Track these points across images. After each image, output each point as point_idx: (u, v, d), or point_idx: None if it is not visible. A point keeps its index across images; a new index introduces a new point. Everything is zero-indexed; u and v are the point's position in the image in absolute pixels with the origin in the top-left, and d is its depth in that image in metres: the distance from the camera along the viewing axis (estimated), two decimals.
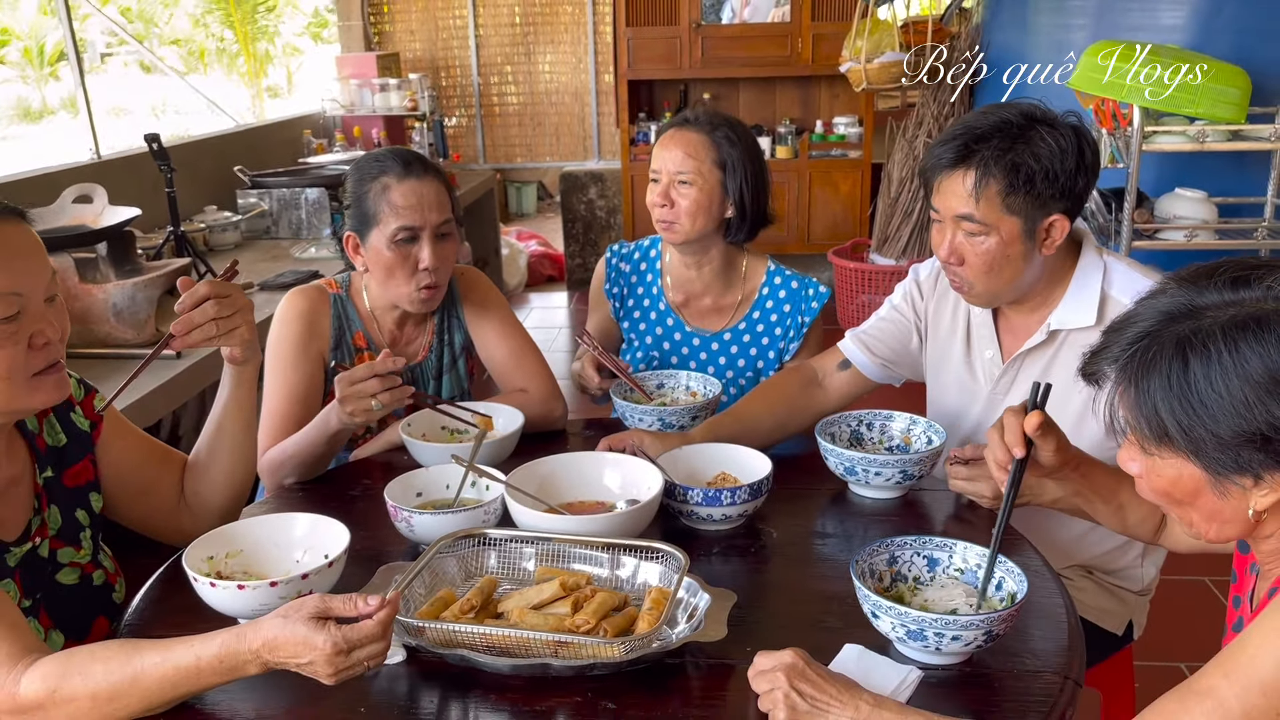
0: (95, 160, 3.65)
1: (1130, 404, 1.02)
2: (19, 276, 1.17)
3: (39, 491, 1.33)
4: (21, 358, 1.19)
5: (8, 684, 1.06)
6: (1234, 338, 0.94)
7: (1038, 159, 1.52)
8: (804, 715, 1.05)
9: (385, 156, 1.84)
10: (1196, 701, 0.95)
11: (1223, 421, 0.95)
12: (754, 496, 1.49)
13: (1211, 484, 1.00)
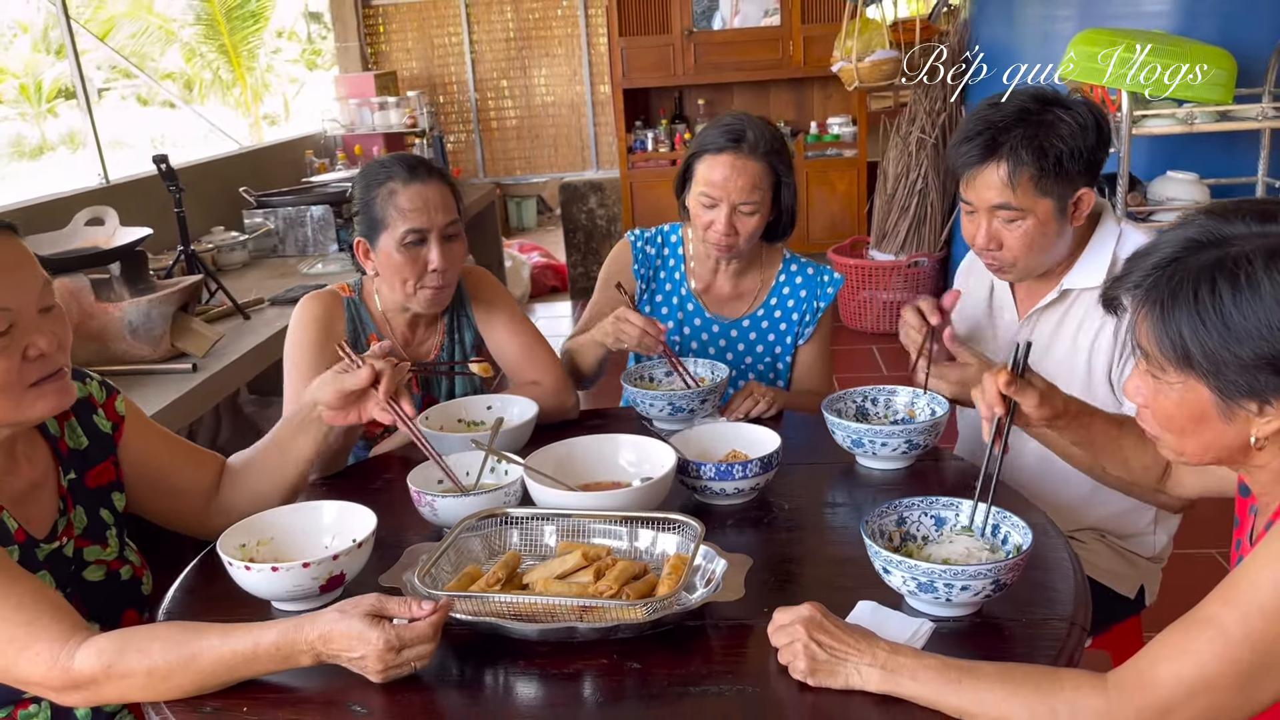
0: (104, 185, 3.71)
1: (1152, 326, 1.05)
2: (8, 291, 1.19)
3: (63, 493, 1.37)
4: (16, 371, 1.20)
5: (61, 659, 1.11)
6: (1264, 265, 0.98)
7: (1063, 140, 1.61)
8: (823, 665, 1.09)
9: (391, 162, 1.89)
10: (1199, 630, 0.99)
11: (1246, 344, 0.99)
12: (765, 470, 1.54)
13: (1219, 408, 1.04)
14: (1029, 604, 1.25)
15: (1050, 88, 1.67)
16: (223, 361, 2.74)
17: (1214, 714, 0.98)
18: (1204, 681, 0.97)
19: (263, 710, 1.14)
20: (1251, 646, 0.96)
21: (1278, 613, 0.96)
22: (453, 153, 7.33)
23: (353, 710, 1.13)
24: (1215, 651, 0.97)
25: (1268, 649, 0.96)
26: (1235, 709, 0.98)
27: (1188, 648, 0.99)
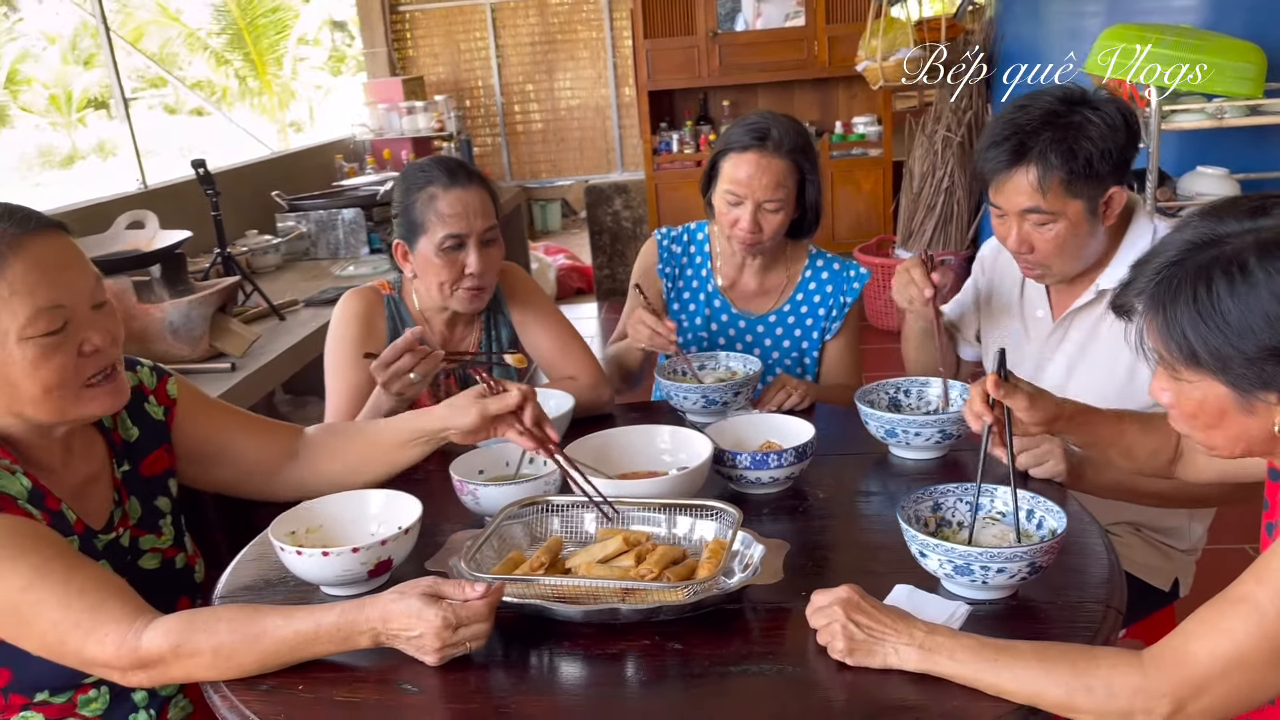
0: (143, 190, 3.78)
1: (1159, 330, 1.08)
2: (62, 289, 1.21)
3: (117, 485, 1.41)
4: (72, 367, 1.23)
5: (129, 639, 1.15)
6: (1257, 259, 1.01)
7: (1092, 141, 1.59)
8: (861, 644, 1.12)
9: (431, 166, 1.91)
10: (1233, 608, 1.01)
11: (1248, 338, 1.01)
12: (799, 459, 1.56)
13: (1238, 402, 1.06)
14: (1064, 587, 1.27)
15: (1077, 87, 1.66)
16: (259, 361, 2.80)
17: (1248, 690, 1.00)
18: (1239, 658, 0.99)
19: (318, 689, 1.17)
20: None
21: None
22: (479, 156, 7.40)
23: (403, 689, 1.16)
24: (1249, 629, 0.99)
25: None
26: (1269, 685, 1.00)
27: (1222, 625, 1.01)
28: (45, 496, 1.26)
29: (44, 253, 1.21)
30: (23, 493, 1.22)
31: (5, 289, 1.17)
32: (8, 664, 1.23)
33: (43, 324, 1.19)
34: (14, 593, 1.14)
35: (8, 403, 1.23)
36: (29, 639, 1.17)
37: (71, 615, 1.15)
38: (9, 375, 1.20)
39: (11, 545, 1.15)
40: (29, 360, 1.19)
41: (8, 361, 1.19)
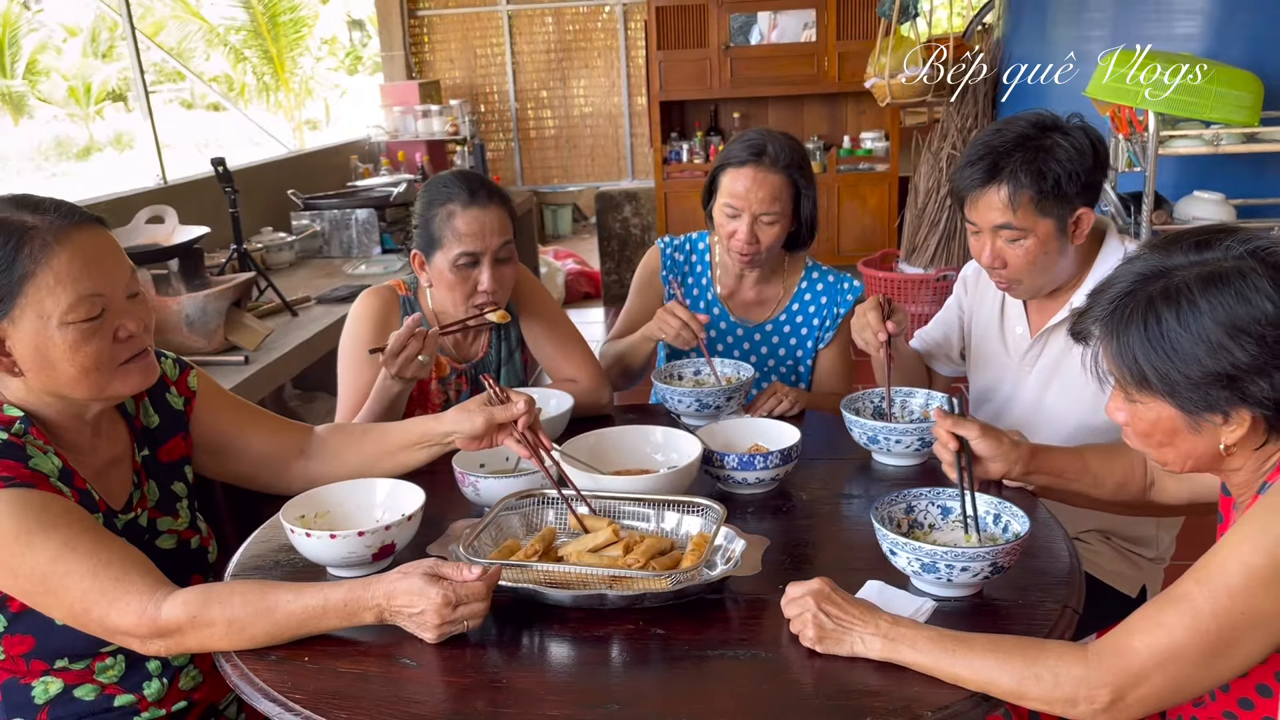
0: (162, 185, 3.88)
1: (1112, 355, 1.17)
2: (101, 278, 1.30)
3: (137, 468, 1.49)
4: (108, 350, 1.32)
5: (149, 608, 1.23)
6: (1200, 291, 1.10)
7: (1060, 164, 1.70)
8: (830, 633, 1.20)
9: (453, 183, 1.98)
10: (1171, 606, 1.09)
11: (1193, 364, 1.10)
12: (784, 462, 1.64)
13: (1187, 423, 1.15)
14: (1027, 587, 1.35)
15: (1050, 114, 1.76)
16: (272, 355, 2.89)
17: (1181, 683, 1.08)
18: (1173, 652, 1.07)
19: (323, 661, 1.26)
20: (1218, 622, 1.06)
21: (1243, 591, 1.06)
22: (492, 160, 7.49)
23: (404, 663, 1.25)
24: (1185, 625, 1.07)
25: (1233, 625, 1.06)
26: (1200, 678, 1.08)
27: (1161, 621, 1.09)
28: (74, 476, 1.34)
29: (86, 244, 1.29)
30: (54, 471, 1.30)
31: (50, 277, 1.26)
32: (32, 632, 1.31)
33: (83, 310, 1.28)
34: (44, 563, 1.22)
35: (46, 382, 1.31)
36: (56, 607, 1.26)
37: (98, 585, 1.24)
38: (49, 356, 1.29)
39: (44, 519, 1.23)
40: (69, 343, 1.28)
41: (49, 344, 1.28)
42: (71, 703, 1.36)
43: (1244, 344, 1.08)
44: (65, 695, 1.36)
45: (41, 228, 1.27)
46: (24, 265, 1.25)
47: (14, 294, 1.26)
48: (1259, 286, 1.08)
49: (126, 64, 18.64)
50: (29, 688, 1.34)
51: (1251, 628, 1.06)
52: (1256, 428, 1.14)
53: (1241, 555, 1.07)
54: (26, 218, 1.27)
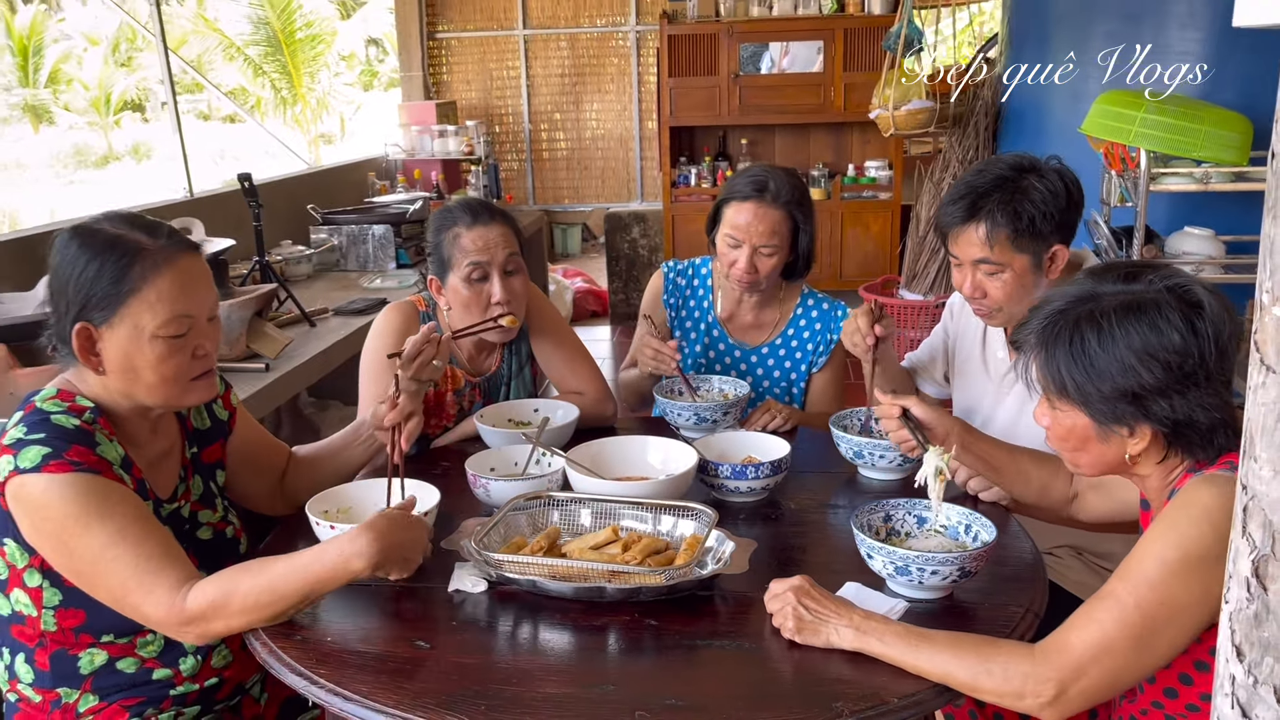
0: (189, 198, 4.03)
1: (1040, 365, 1.31)
2: (193, 302, 1.46)
3: (185, 463, 1.63)
4: (186, 365, 1.47)
5: (177, 601, 1.36)
6: (1119, 318, 1.24)
7: (1035, 205, 1.83)
8: (808, 625, 1.31)
9: (456, 209, 2.13)
10: (1101, 603, 1.23)
11: (1106, 381, 1.25)
12: (774, 473, 1.76)
13: (1098, 432, 1.30)
14: (993, 592, 1.47)
15: (1029, 157, 1.88)
16: (291, 364, 3.01)
17: (1116, 673, 1.20)
18: (1106, 645, 1.19)
19: (344, 641, 1.38)
20: (1141, 613, 1.19)
21: (1160, 584, 1.19)
22: (505, 180, 7.65)
23: (418, 645, 1.36)
24: (1113, 619, 1.20)
25: (1154, 615, 1.19)
26: (1132, 668, 1.20)
27: (1093, 617, 1.22)
28: (133, 465, 1.47)
29: (187, 270, 1.45)
30: (117, 459, 1.43)
31: (153, 294, 1.41)
32: (83, 607, 1.43)
33: (173, 328, 1.43)
34: (97, 547, 1.35)
35: (124, 385, 1.45)
36: (100, 589, 1.38)
37: (137, 576, 1.36)
38: (135, 363, 1.43)
39: (104, 505, 1.36)
40: (156, 355, 1.43)
41: (138, 353, 1.42)
42: (114, 674, 1.48)
43: (1151, 368, 1.22)
44: (108, 667, 1.48)
45: (152, 249, 1.42)
46: (132, 281, 1.40)
47: (118, 304, 1.40)
48: (1171, 319, 1.22)
49: (143, 74, 18.98)
50: (76, 658, 1.46)
51: (1171, 617, 1.19)
52: (1157, 442, 1.28)
53: (1156, 551, 1.21)
54: (141, 238, 1.43)
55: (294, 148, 6.67)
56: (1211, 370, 1.23)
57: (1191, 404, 1.23)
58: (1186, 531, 1.20)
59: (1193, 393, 1.23)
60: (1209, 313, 1.23)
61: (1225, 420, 1.25)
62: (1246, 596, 1.04)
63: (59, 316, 1.43)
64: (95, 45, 18.99)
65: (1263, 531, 1.01)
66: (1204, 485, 1.23)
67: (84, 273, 1.40)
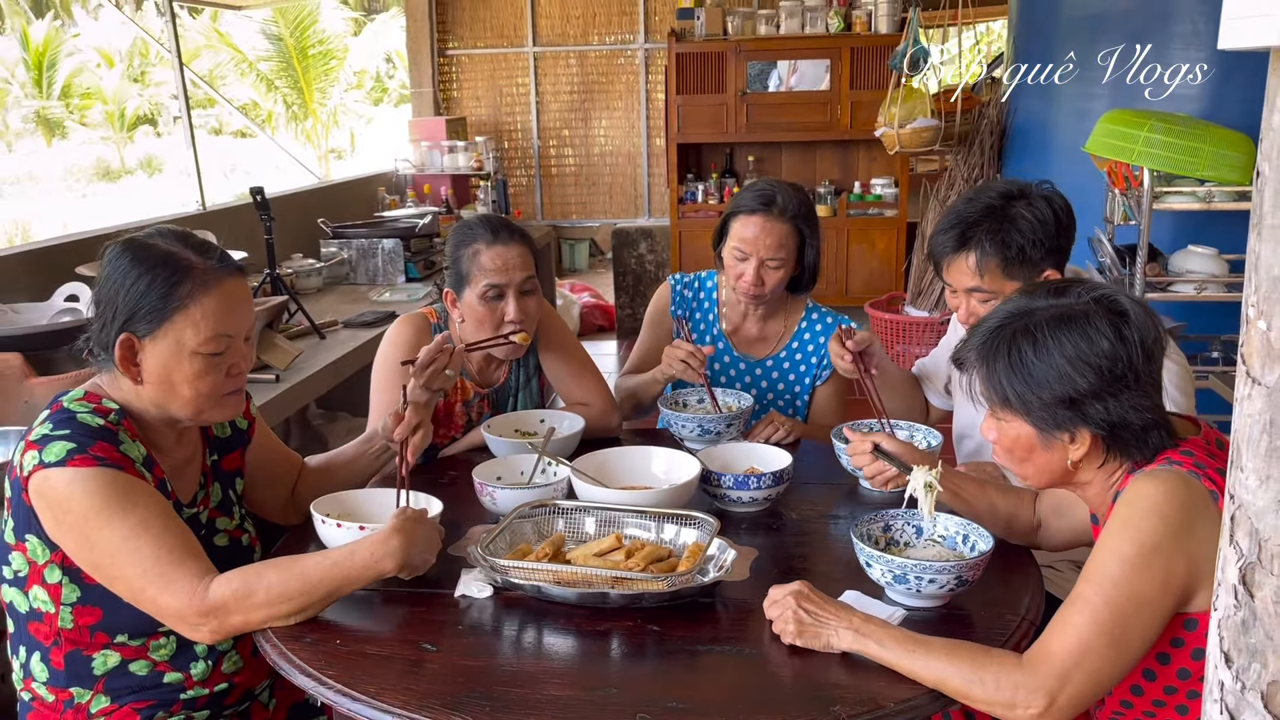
0: (202, 211, 4.08)
1: (983, 379, 1.37)
2: (234, 322, 1.51)
3: (205, 470, 1.67)
4: (220, 383, 1.52)
5: (199, 590, 1.39)
6: (1052, 329, 1.31)
7: (1023, 234, 1.85)
8: (809, 628, 1.34)
9: (477, 225, 2.15)
10: (1072, 607, 1.26)
11: (1044, 389, 1.31)
12: (776, 483, 1.79)
13: (1041, 439, 1.35)
14: (991, 600, 1.49)
15: (1018, 184, 1.90)
16: (301, 375, 3.04)
17: (1099, 673, 1.23)
18: (1084, 647, 1.23)
19: (352, 644, 1.41)
20: (1111, 611, 1.23)
21: (1123, 579, 1.24)
22: (514, 195, 7.71)
23: (424, 648, 1.39)
24: (1086, 621, 1.23)
25: (1122, 608, 1.23)
26: (1114, 662, 1.23)
27: (1067, 623, 1.25)
28: (155, 465, 1.52)
29: (232, 291, 1.51)
30: (139, 458, 1.48)
31: (198, 312, 1.46)
32: (101, 605, 1.46)
33: (213, 346, 1.48)
34: (118, 540, 1.38)
35: (158, 396, 1.50)
36: (119, 581, 1.41)
37: (158, 567, 1.39)
38: (172, 377, 1.48)
39: (126, 498, 1.40)
40: (194, 370, 1.48)
41: (177, 367, 1.47)
42: (126, 676, 1.51)
43: (1085, 373, 1.29)
44: (121, 668, 1.51)
45: (201, 269, 1.47)
46: (180, 298, 1.45)
47: (163, 318, 1.45)
48: (1099, 327, 1.30)
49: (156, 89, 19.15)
50: (90, 659, 1.49)
51: (1138, 610, 1.23)
52: (1096, 446, 1.33)
53: (1113, 548, 1.26)
54: (192, 257, 1.48)
55: (305, 162, 6.74)
56: (1140, 373, 1.30)
57: (1124, 406, 1.30)
58: (1138, 525, 1.25)
59: (1124, 395, 1.30)
60: (1134, 320, 1.31)
61: (1156, 421, 1.33)
62: (1234, 604, 1.06)
63: (103, 324, 1.48)
64: (110, 64, 19.15)
65: (1249, 540, 1.03)
66: (1146, 481, 1.29)
67: (135, 285, 1.45)
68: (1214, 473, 1.29)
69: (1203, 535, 1.24)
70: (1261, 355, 1.00)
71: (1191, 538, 1.24)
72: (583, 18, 7.54)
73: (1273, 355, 0.99)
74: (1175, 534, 1.24)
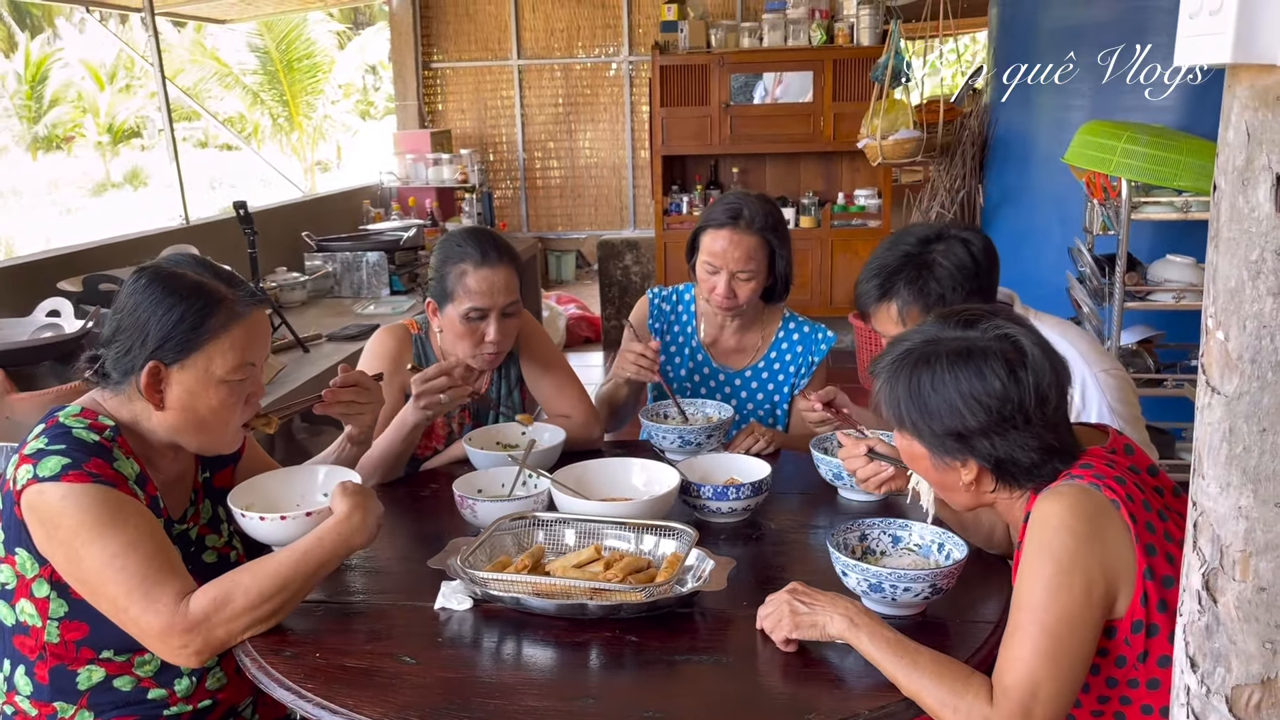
0: (185, 225, 4.08)
1: (885, 398, 1.41)
2: (257, 352, 1.56)
3: (197, 487, 1.68)
4: (238, 411, 1.56)
5: (181, 608, 1.39)
6: (950, 363, 1.34)
7: (940, 281, 1.86)
8: (803, 617, 1.37)
9: (466, 242, 2.13)
10: (1013, 639, 1.28)
11: (935, 420, 1.35)
12: (755, 494, 1.80)
13: (934, 461, 1.39)
14: (964, 608, 1.51)
15: (936, 229, 1.90)
16: (283, 389, 3.05)
17: (1055, 696, 1.24)
18: (1034, 676, 1.24)
19: (331, 656, 1.41)
20: (1048, 634, 1.25)
21: (1050, 600, 1.26)
22: (499, 207, 7.72)
23: (403, 660, 1.40)
24: (1030, 650, 1.25)
25: (1057, 629, 1.25)
26: (1067, 681, 1.25)
27: (1012, 657, 1.27)
28: (148, 481, 1.52)
29: (257, 322, 1.56)
30: (132, 475, 1.48)
31: (228, 342, 1.51)
32: (88, 620, 1.46)
33: (238, 374, 1.52)
34: (106, 556, 1.38)
35: (177, 424, 1.52)
36: (103, 599, 1.41)
37: (143, 587, 1.39)
38: (195, 404, 1.51)
39: (116, 516, 1.40)
40: (220, 398, 1.52)
41: (203, 395, 1.51)
42: (110, 691, 1.51)
43: (975, 411, 1.32)
44: (105, 684, 1.50)
45: (231, 300, 1.52)
46: (211, 327, 1.49)
47: (193, 347, 1.49)
48: (995, 368, 1.32)
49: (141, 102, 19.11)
50: (75, 674, 1.49)
51: (1072, 627, 1.25)
52: (985, 475, 1.37)
53: (1034, 572, 1.28)
54: (222, 288, 1.53)
55: (290, 175, 6.74)
56: (1031, 415, 1.32)
57: (1011, 445, 1.33)
58: (1050, 544, 1.28)
59: (1012, 435, 1.33)
60: (1032, 363, 1.33)
61: (1045, 458, 1.34)
62: (1198, 609, 1.08)
63: (127, 349, 1.49)
64: (96, 78, 19.10)
65: (1211, 546, 1.05)
66: (1050, 499, 1.32)
67: (167, 314, 1.48)
68: (1113, 481, 1.31)
69: (1112, 542, 1.28)
70: (1220, 365, 1.03)
71: (1102, 545, 1.27)
72: (567, 31, 7.57)
73: (1230, 365, 1.02)
74: (1088, 545, 1.27)
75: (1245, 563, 1.04)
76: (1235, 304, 1.01)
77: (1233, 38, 0.96)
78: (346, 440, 1.89)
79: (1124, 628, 1.30)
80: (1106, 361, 1.92)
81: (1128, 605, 1.30)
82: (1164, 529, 1.32)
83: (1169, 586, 1.29)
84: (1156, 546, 1.30)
